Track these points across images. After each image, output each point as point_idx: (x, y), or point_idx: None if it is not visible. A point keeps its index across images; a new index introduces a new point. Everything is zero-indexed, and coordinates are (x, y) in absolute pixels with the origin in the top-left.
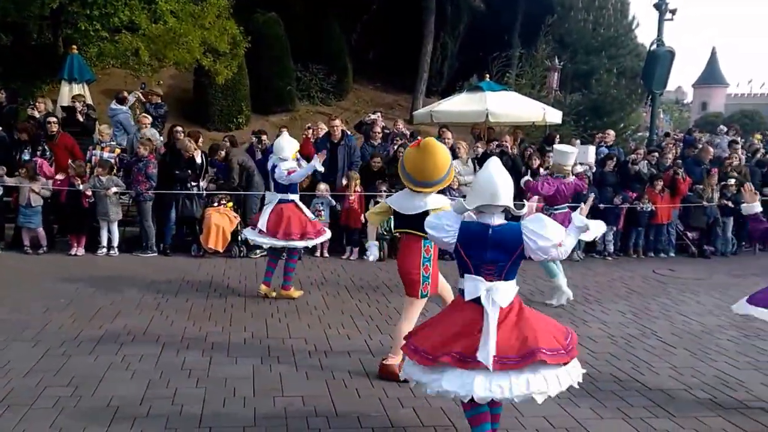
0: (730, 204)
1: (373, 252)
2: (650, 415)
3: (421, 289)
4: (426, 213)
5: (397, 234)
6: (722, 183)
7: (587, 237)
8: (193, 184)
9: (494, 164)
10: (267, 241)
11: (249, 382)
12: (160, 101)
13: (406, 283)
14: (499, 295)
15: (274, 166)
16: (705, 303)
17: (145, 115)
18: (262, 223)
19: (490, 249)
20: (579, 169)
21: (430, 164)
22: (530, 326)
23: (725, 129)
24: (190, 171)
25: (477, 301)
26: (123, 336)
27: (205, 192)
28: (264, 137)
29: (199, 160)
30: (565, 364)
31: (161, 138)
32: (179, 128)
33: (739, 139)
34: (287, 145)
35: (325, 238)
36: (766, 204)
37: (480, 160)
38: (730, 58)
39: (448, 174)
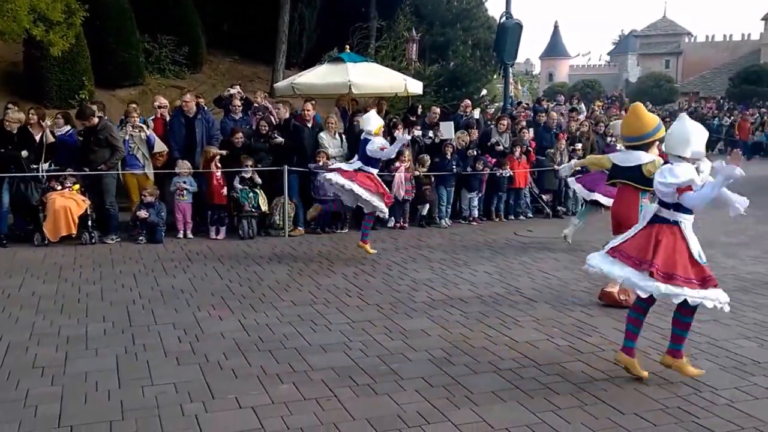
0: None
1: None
2: (519, 365)
3: None
4: (639, 166)
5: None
6: (571, 148)
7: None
8: (34, 166)
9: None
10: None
11: (113, 374)
12: None
13: (625, 228)
14: None
15: (366, 140)
16: (561, 259)
17: None
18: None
19: None
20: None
21: (637, 123)
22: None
23: (562, 98)
24: (26, 152)
25: None
26: None
27: (44, 174)
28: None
29: (38, 138)
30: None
31: None
32: (14, 106)
33: (582, 107)
34: (374, 121)
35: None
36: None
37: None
38: (571, 31)
39: (657, 130)
